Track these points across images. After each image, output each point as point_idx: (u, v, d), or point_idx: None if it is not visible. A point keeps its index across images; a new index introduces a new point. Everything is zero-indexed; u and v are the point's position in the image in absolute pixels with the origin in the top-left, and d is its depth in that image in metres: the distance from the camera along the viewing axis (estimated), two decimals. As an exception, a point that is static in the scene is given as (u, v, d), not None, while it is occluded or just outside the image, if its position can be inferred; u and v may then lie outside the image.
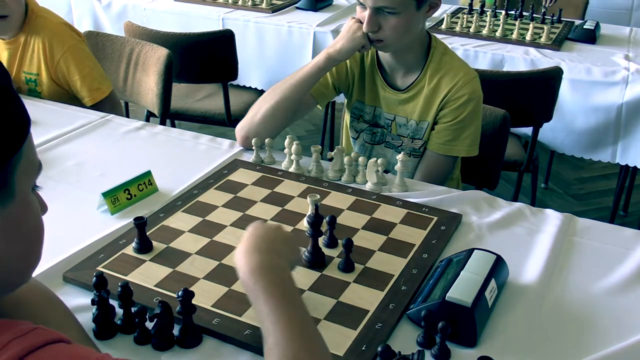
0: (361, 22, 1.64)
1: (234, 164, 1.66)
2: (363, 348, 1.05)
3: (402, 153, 1.57)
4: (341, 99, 2.11)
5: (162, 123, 2.44)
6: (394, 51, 1.71)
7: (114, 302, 1.13)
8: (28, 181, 0.78)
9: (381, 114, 1.81)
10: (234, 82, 3.10)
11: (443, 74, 1.71)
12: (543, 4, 3.44)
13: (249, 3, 3.34)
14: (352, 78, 1.82)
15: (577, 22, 3.23)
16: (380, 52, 1.75)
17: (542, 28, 2.96)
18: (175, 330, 1.08)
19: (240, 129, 1.76)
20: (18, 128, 0.75)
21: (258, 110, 1.73)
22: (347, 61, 1.80)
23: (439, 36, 2.73)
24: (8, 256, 0.76)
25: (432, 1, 1.66)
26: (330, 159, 1.66)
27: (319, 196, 1.37)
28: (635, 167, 2.77)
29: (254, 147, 1.68)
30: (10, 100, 0.74)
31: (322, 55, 1.69)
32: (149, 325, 1.08)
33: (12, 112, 0.74)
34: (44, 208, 0.84)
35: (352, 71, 1.81)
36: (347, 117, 1.93)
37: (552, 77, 2.42)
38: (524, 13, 3.22)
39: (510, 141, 2.50)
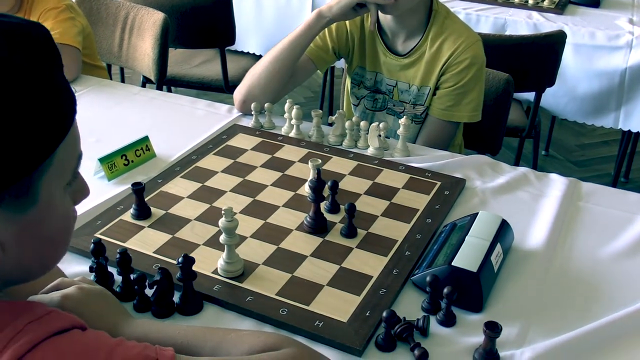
0: None
1: (233, 129, 1.63)
2: (367, 314, 1.03)
3: (404, 117, 1.54)
4: (340, 64, 2.07)
5: (159, 89, 2.40)
6: (399, 14, 1.65)
7: (112, 269, 1.11)
8: (59, 182, 0.72)
9: (382, 80, 1.77)
10: (232, 48, 3.05)
11: (445, 37, 1.67)
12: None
13: (246, -34, 3.27)
14: (352, 43, 1.78)
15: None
16: (381, 16, 1.70)
17: (545, -9, 2.90)
18: (176, 297, 1.07)
19: (238, 93, 1.73)
20: (48, 136, 0.68)
21: (254, 74, 1.70)
22: (348, 25, 1.75)
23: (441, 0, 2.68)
24: (21, 257, 0.72)
25: None
26: (331, 124, 1.63)
27: (320, 161, 1.34)
28: (637, 133, 2.74)
29: (253, 112, 1.65)
30: (43, 105, 0.66)
31: (313, 12, 1.66)
32: (149, 292, 1.06)
33: (44, 118, 0.67)
34: (84, 193, 0.79)
35: (352, 36, 1.77)
36: (347, 83, 1.89)
37: (555, 41, 2.38)
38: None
39: (512, 107, 2.47)
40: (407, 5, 1.61)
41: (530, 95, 2.59)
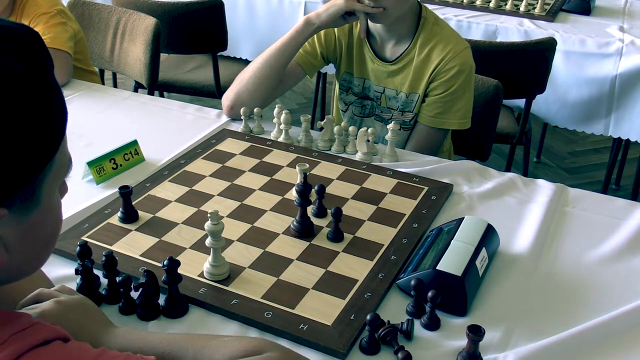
0: None
1: (222, 134, 1.64)
2: (352, 317, 1.04)
3: (392, 122, 1.55)
4: (332, 70, 2.08)
5: (150, 94, 2.40)
6: (389, 22, 1.64)
7: (98, 272, 1.11)
8: (56, 184, 0.75)
9: (370, 87, 1.78)
10: (224, 53, 3.06)
11: (433, 44, 1.67)
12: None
13: (239, -27, 3.28)
14: (340, 49, 1.78)
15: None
16: (370, 23, 1.69)
17: (536, -1, 2.92)
18: (161, 300, 1.07)
19: (226, 98, 1.73)
20: (51, 138, 0.70)
21: (242, 79, 1.71)
22: (336, 31, 1.76)
23: (432, 7, 2.70)
24: (20, 258, 0.73)
25: None
26: (320, 129, 1.63)
27: (308, 165, 1.34)
28: (628, 140, 2.76)
29: (242, 117, 1.66)
30: (44, 108, 0.68)
31: (302, 19, 1.66)
32: (134, 295, 1.06)
33: (46, 122, 0.68)
34: (64, 192, 0.80)
35: (339, 41, 1.77)
36: (336, 89, 1.90)
37: (546, 48, 2.39)
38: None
39: (502, 113, 2.49)
40: (396, 14, 1.62)
41: (521, 102, 2.60)
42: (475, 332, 0.94)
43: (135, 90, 2.67)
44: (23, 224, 0.70)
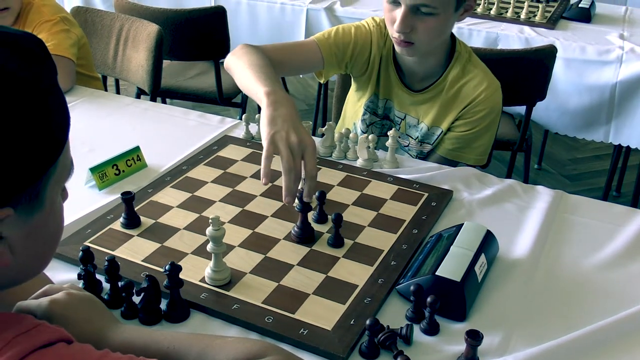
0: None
1: (223, 140, 1.65)
2: (351, 322, 1.05)
3: (392, 129, 1.55)
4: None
5: (153, 100, 2.41)
6: (419, 56, 1.60)
7: (100, 277, 1.12)
8: (59, 187, 0.76)
9: (392, 108, 1.74)
10: (226, 60, 3.07)
11: (465, 82, 1.63)
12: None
13: (242, -20, 3.29)
14: (371, 66, 1.70)
15: (572, 0, 3.20)
16: (398, 54, 1.65)
17: (537, 6, 2.94)
18: (163, 305, 1.08)
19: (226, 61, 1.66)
20: (56, 140, 0.71)
21: (232, 64, 1.63)
22: (372, 48, 1.68)
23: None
24: (24, 260, 0.75)
25: (468, 3, 1.56)
26: (322, 136, 1.65)
27: (308, 171, 1.35)
28: (628, 147, 2.77)
29: (244, 123, 1.67)
30: (48, 111, 0.70)
31: (264, 95, 1.32)
32: (136, 299, 1.07)
33: (51, 124, 0.70)
34: (64, 198, 0.82)
35: (374, 59, 1.69)
36: (354, 104, 1.83)
37: (546, 55, 2.40)
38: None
39: (503, 120, 2.49)
40: (425, 49, 1.58)
41: (522, 109, 2.61)
42: (474, 337, 0.95)
43: (138, 97, 2.69)
44: (27, 225, 0.72)
